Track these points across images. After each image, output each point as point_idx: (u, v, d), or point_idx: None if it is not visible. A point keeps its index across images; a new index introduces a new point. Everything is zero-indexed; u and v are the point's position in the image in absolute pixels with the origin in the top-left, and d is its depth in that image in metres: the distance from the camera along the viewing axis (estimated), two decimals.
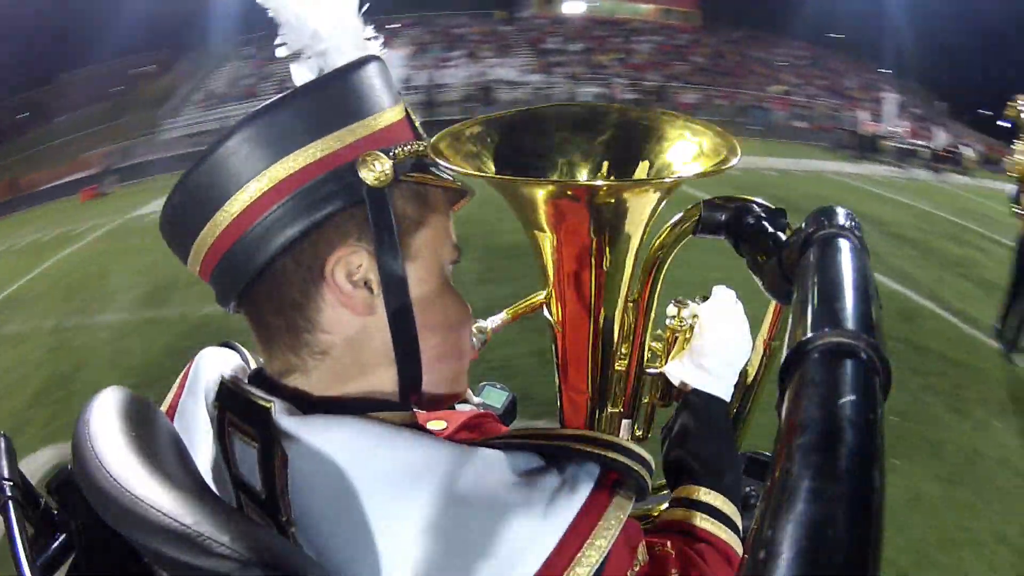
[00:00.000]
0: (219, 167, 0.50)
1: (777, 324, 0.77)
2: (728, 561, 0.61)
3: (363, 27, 0.58)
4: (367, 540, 0.44)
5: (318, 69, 0.57)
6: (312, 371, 0.54)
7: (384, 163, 0.50)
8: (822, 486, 0.23)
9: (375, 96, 0.54)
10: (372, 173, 0.50)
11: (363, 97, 0.53)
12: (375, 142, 0.52)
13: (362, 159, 0.50)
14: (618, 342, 0.73)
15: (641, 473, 0.52)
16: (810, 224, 0.45)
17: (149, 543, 0.41)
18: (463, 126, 0.69)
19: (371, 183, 0.50)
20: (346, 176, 0.50)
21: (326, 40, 0.56)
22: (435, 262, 0.56)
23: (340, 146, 0.51)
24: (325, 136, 0.50)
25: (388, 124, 0.54)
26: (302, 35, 0.56)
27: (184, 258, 0.55)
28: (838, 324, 0.30)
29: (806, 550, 0.21)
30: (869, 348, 0.28)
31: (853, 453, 0.24)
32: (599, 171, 0.72)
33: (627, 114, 0.73)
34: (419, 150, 0.53)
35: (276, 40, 0.57)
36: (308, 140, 0.50)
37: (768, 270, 0.56)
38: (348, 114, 0.52)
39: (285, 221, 0.50)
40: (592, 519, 0.47)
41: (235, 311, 0.55)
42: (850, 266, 0.36)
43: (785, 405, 0.28)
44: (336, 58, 0.56)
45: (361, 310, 0.52)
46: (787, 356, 0.30)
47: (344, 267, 0.51)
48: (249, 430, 0.51)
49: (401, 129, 0.55)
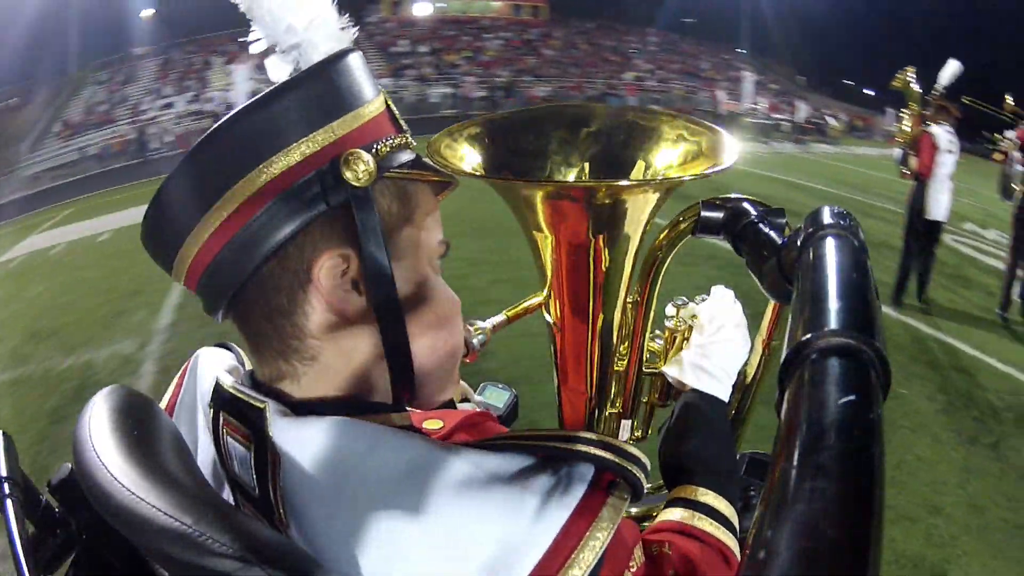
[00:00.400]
0: (196, 175, 0.49)
1: (776, 324, 0.77)
2: (726, 562, 0.61)
3: (338, 18, 0.57)
4: (358, 542, 0.44)
5: (294, 63, 0.55)
6: (303, 376, 0.53)
7: (367, 161, 0.49)
8: (822, 486, 0.23)
9: (360, 87, 0.53)
10: (355, 172, 0.49)
11: (350, 89, 0.52)
12: (363, 134, 0.51)
13: (344, 159, 0.49)
14: (617, 342, 0.74)
15: (636, 473, 0.52)
16: (809, 224, 0.45)
17: (150, 542, 0.41)
18: (462, 126, 0.69)
19: (355, 183, 0.49)
20: (328, 177, 0.49)
21: (301, 33, 0.54)
22: (423, 258, 0.55)
23: (331, 140, 0.50)
24: (316, 131, 0.49)
25: (374, 115, 0.53)
26: (276, 29, 0.55)
27: (168, 268, 0.54)
28: (837, 324, 0.30)
29: (805, 550, 0.21)
30: (869, 348, 0.28)
31: (853, 453, 0.24)
32: (598, 171, 0.72)
33: (626, 114, 0.73)
34: (401, 144, 0.53)
35: (250, 36, 0.56)
36: (298, 136, 0.49)
37: (767, 270, 0.56)
38: (339, 107, 0.51)
39: (271, 226, 0.49)
40: (587, 520, 0.47)
41: (223, 319, 0.55)
42: (849, 265, 0.36)
43: (785, 405, 0.28)
44: (311, 51, 0.55)
45: (349, 313, 0.51)
46: (787, 356, 0.30)
47: (331, 270, 0.50)
48: (243, 431, 0.51)
49: (384, 121, 0.54)
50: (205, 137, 0.49)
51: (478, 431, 0.55)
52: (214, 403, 0.55)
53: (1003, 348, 4.28)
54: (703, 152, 0.67)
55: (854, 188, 9.98)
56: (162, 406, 0.63)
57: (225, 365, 0.59)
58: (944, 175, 4.63)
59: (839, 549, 0.21)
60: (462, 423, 0.54)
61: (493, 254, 5.44)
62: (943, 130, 4.64)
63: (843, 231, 0.41)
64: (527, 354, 3.28)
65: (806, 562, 0.21)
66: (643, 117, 0.73)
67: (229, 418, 0.53)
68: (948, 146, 4.62)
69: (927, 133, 4.63)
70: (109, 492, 0.44)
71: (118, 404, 0.53)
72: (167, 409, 0.63)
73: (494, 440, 0.51)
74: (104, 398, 0.53)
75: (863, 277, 0.35)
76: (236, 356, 0.64)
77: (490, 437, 0.53)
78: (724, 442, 0.70)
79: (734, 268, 0.61)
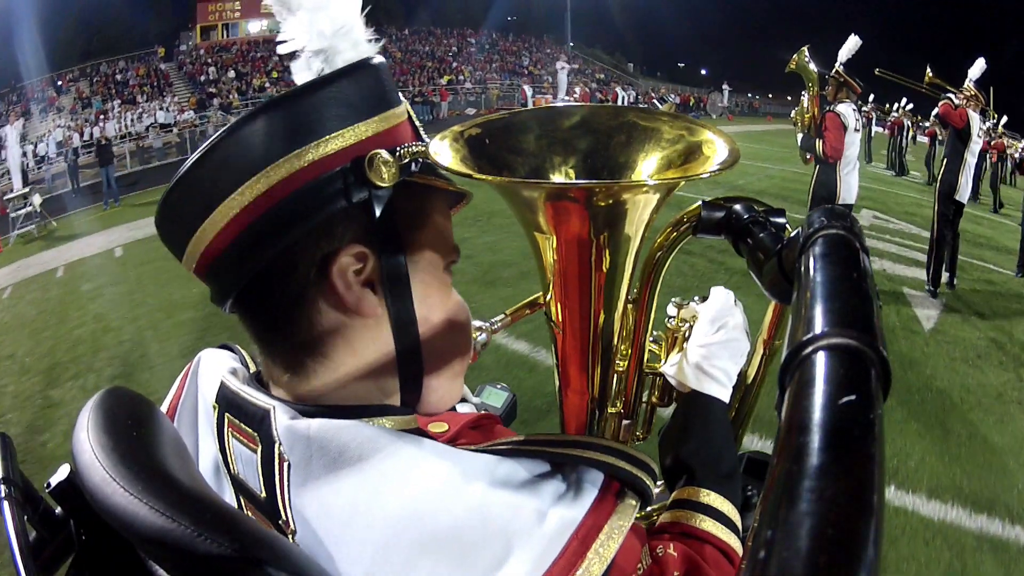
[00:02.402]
0: (231, 154, 0.48)
1: (777, 324, 0.77)
2: (730, 562, 0.61)
3: (364, 29, 0.58)
4: (367, 548, 0.43)
5: (319, 68, 0.56)
6: (312, 375, 0.53)
7: (391, 163, 0.50)
8: (822, 486, 0.23)
9: (393, 90, 0.54)
10: (379, 172, 0.49)
11: (387, 89, 0.53)
12: (389, 137, 0.52)
13: (369, 159, 0.49)
14: (618, 342, 0.74)
15: (645, 480, 0.52)
16: (810, 224, 0.45)
17: (149, 543, 0.41)
18: (462, 127, 0.69)
19: (378, 183, 0.50)
20: (351, 175, 0.49)
21: (329, 38, 0.55)
22: (436, 263, 0.56)
23: (365, 136, 0.50)
24: (357, 123, 0.50)
25: (402, 119, 0.54)
26: (307, 34, 0.55)
27: (180, 251, 0.53)
28: (838, 323, 0.30)
29: (806, 550, 0.21)
30: (869, 347, 0.28)
31: (853, 453, 0.24)
32: (597, 172, 0.72)
33: (626, 115, 0.73)
34: (422, 151, 0.53)
35: (278, 37, 0.57)
36: (337, 126, 0.49)
37: (768, 270, 0.56)
38: (380, 104, 0.52)
39: (293, 215, 0.48)
40: (596, 527, 0.47)
41: (230, 311, 0.54)
42: (849, 265, 0.36)
43: (785, 405, 0.28)
44: (335, 57, 0.55)
45: (363, 311, 0.51)
46: (787, 356, 0.30)
47: (347, 268, 0.50)
48: (249, 433, 0.51)
49: (406, 127, 0.55)
50: (253, 111, 0.48)
51: (484, 434, 0.55)
52: (218, 405, 0.55)
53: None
54: (703, 152, 0.67)
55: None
56: (164, 408, 0.63)
57: (228, 366, 0.59)
58: (853, 156, 4.52)
59: (839, 549, 0.21)
60: (467, 426, 0.54)
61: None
62: (849, 108, 4.47)
63: (844, 231, 0.41)
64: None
65: (806, 562, 0.21)
66: (643, 117, 0.73)
67: (234, 420, 0.53)
68: (855, 124, 4.49)
69: (832, 113, 4.43)
70: (108, 493, 0.43)
71: (117, 405, 0.53)
72: (169, 411, 0.63)
73: (503, 445, 0.51)
74: (103, 399, 0.53)
75: (863, 277, 0.35)
76: (239, 357, 0.64)
77: (498, 441, 0.52)
78: (725, 443, 0.70)
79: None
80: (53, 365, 4.74)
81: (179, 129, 19.17)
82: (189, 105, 21.03)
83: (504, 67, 27.73)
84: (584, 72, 24.81)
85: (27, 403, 4.11)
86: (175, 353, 4.53)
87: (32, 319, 6.07)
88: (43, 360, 4.89)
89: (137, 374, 4.31)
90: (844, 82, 4.55)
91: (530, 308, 0.88)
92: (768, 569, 0.21)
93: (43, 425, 3.74)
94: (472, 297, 0.62)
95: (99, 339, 5.17)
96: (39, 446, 3.46)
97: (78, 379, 4.42)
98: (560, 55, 28.20)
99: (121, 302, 6.12)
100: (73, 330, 5.51)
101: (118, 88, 22.35)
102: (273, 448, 0.48)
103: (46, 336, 5.46)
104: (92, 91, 21.96)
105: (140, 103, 21.15)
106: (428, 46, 28.61)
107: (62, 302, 6.54)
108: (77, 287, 7.02)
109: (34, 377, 4.56)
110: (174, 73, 24.36)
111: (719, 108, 23.38)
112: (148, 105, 20.81)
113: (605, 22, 34.01)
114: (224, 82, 23.25)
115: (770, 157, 13.54)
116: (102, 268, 7.72)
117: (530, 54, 29.42)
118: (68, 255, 8.71)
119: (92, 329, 5.46)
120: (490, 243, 6.61)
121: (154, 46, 25.13)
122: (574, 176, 0.72)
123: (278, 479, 0.48)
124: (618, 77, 26.97)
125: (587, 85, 22.11)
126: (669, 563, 0.56)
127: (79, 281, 7.24)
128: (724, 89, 27.00)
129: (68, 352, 4.97)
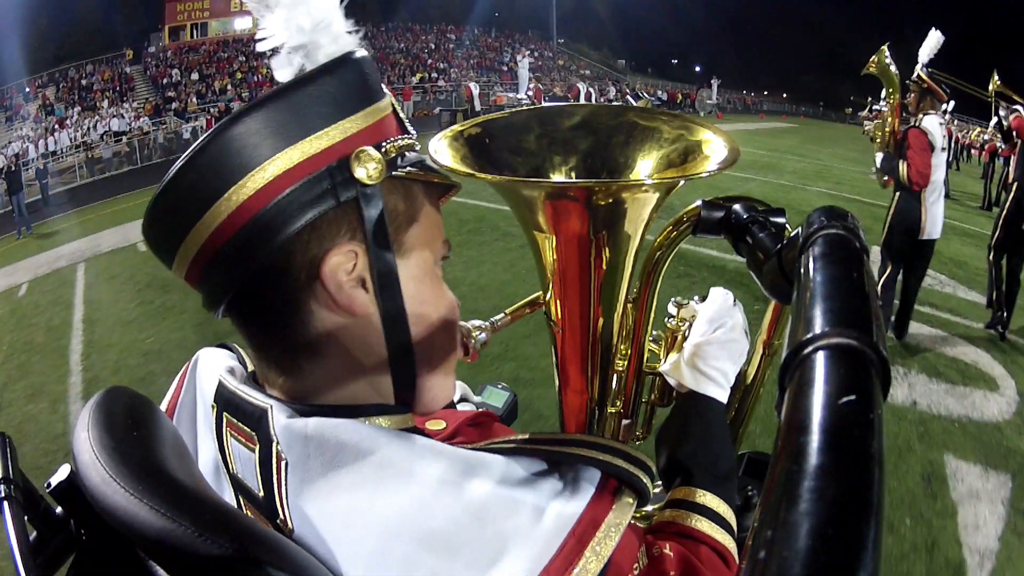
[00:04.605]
0: (218, 157, 0.48)
1: (777, 324, 0.77)
2: (725, 563, 0.61)
3: (344, 21, 0.56)
4: (365, 546, 0.43)
5: (300, 65, 0.55)
6: (307, 375, 0.53)
7: (377, 159, 0.49)
8: (822, 486, 0.23)
9: (377, 84, 0.53)
10: (365, 170, 0.49)
11: (370, 83, 0.52)
12: (373, 132, 0.51)
13: (355, 155, 0.49)
14: (618, 342, 0.74)
15: (642, 478, 0.52)
16: (810, 223, 0.45)
17: (149, 542, 0.41)
18: (462, 126, 0.69)
19: (364, 180, 0.49)
20: (338, 174, 0.49)
21: (308, 34, 0.54)
22: (427, 258, 0.55)
23: (349, 133, 0.49)
24: (340, 121, 0.49)
25: (386, 113, 0.53)
26: (286, 30, 0.54)
27: (169, 259, 0.52)
28: (837, 323, 0.30)
29: (806, 550, 0.21)
30: (868, 347, 0.28)
31: (853, 453, 0.24)
32: (597, 171, 0.72)
33: (626, 114, 0.73)
34: (407, 145, 0.53)
35: (257, 35, 0.56)
36: (323, 124, 0.49)
37: (768, 270, 0.56)
38: (364, 98, 0.51)
39: (282, 217, 0.48)
40: (593, 525, 0.47)
41: (224, 315, 0.54)
42: (849, 265, 0.36)
43: (785, 405, 0.28)
44: (316, 52, 0.54)
45: (355, 310, 0.51)
46: (787, 356, 0.30)
47: (338, 267, 0.50)
48: (247, 432, 0.51)
49: (391, 121, 0.54)
50: (238, 112, 0.48)
51: (482, 432, 0.55)
52: (217, 404, 0.55)
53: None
54: (703, 151, 0.67)
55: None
56: (163, 407, 0.63)
57: (226, 365, 0.59)
58: (939, 180, 3.60)
59: (839, 549, 0.21)
60: (465, 423, 0.54)
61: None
62: (935, 123, 3.50)
63: (844, 231, 0.41)
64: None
65: (807, 562, 0.21)
66: (643, 117, 0.73)
67: (232, 419, 0.53)
68: (942, 142, 3.55)
69: (917, 130, 3.45)
70: (108, 493, 0.43)
71: (117, 405, 0.53)
72: (168, 410, 0.63)
73: (500, 444, 0.51)
74: (103, 399, 0.53)
75: (863, 277, 0.35)
76: (237, 356, 0.64)
77: (496, 440, 0.52)
78: (722, 444, 0.70)
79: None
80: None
81: (129, 138, 18.28)
82: (145, 111, 20.11)
83: (483, 63, 27.28)
84: (569, 68, 24.44)
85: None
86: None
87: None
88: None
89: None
90: (928, 89, 3.57)
91: (530, 307, 0.88)
92: (768, 569, 0.21)
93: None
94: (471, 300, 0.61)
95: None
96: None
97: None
98: (547, 52, 28.15)
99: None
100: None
101: (81, 94, 21.46)
102: (271, 447, 0.48)
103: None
104: (57, 97, 21.05)
105: (101, 109, 20.21)
106: (404, 43, 27.97)
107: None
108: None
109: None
110: (139, 76, 23.43)
111: (708, 105, 22.73)
112: (107, 111, 19.90)
113: (593, 18, 33.86)
114: (187, 85, 22.35)
115: (754, 164, 11.45)
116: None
117: (512, 51, 28.83)
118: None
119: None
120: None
121: (123, 48, 24.15)
122: (574, 176, 0.72)
123: (276, 478, 0.48)
124: (609, 74, 26.71)
125: (539, 81, 21.25)
126: (665, 563, 0.56)
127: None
128: (713, 84, 26.19)
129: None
